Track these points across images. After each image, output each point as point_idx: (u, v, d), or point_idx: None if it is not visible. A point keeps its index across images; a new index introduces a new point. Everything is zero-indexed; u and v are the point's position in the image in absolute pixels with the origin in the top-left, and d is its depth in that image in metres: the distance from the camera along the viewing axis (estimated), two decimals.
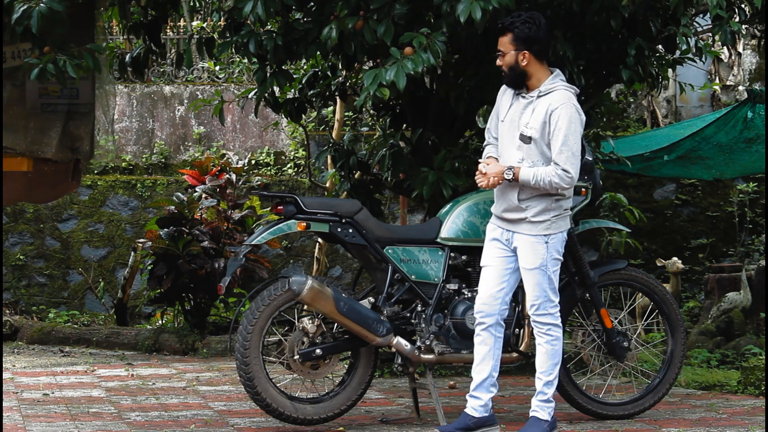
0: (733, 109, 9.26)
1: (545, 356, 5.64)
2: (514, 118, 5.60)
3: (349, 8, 6.13)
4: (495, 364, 5.68)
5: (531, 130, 5.53)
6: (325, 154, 8.02)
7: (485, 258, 5.72)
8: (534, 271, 5.57)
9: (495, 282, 5.65)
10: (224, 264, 10.09)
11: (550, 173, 5.47)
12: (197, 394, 7.39)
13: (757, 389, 7.27)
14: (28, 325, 11.11)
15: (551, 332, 5.63)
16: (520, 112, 5.59)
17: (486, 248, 5.72)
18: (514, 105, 5.63)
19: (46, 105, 7.74)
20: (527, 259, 5.58)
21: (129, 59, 7.42)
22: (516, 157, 5.56)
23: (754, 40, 13.12)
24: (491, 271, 5.66)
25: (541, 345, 5.64)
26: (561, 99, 5.53)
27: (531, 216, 5.55)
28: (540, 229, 5.56)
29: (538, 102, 5.55)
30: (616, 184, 12.21)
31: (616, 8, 6.33)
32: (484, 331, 5.67)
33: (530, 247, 5.56)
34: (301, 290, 5.71)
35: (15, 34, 6.12)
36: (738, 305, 10.24)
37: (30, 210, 12.56)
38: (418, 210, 11.73)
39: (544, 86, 5.56)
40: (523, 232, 5.57)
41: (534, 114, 5.54)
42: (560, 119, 5.48)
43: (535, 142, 5.52)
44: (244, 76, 13.06)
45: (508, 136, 5.62)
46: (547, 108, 5.51)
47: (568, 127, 5.48)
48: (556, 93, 5.55)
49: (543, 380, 5.65)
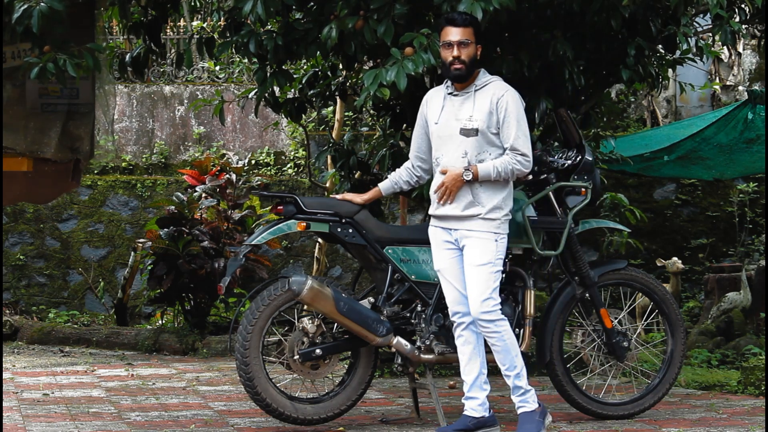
0: (733, 110, 9.26)
1: (502, 353, 5.62)
2: (450, 117, 5.64)
3: (349, 8, 6.12)
4: (482, 361, 5.68)
5: (476, 122, 5.57)
6: (325, 154, 8.02)
7: (439, 263, 5.73)
8: (482, 268, 5.57)
9: (459, 282, 5.67)
10: (224, 264, 10.09)
11: (509, 161, 5.55)
12: (197, 394, 7.39)
13: (757, 389, 7.27)
14: (28, 325, 11.12)
15: (500, 326, 5.60)
16: (457, 109, 5.63)
17: (436, 252, 5.74)
18: (446, 105, 5.67)
19: (46, 105, 7.74)
20: (476, 255, 5.58)
21: (129, 59, 7.42)
22: (458, 153, 5.59)
23: (754, 40, 13.13)
24: (451, 273, 5.68)
25: (494, 344, 5.61)
26: (503, 87, 5.63)
27: (485, 213, 5.57)
28: (491, 227, 5.59)
29: (477, 95, 5.61)
30: (616, 184, 12.21)
31: (616, 8, 6.33)
32: (465, 331, 5.68)
33: (480, 244, 5.58)
34: (301, 290, 5.71)
35: (15, 34, 6.11)
36: (738, 305, 10.24)
37: (30, 210, 12.56)
38: (418, 210, 11.73)
39: (479, 81, 5.65)
40: (474, 229, 5.58)
41: (476, 106, 5.59)
42: (508, 105, 5.56)
43: (481, 134, 5.57)
44: (244, 76, 13.07)
45: (446, 136, 5.63)
46: (491, 98, 5.57)
47: (517, 112, 5.57)
48: (493, 84, 5.65)
49: (512, 375, 5.64)
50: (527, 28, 6.67)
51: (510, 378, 5.64)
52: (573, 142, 6.24)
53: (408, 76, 5.75)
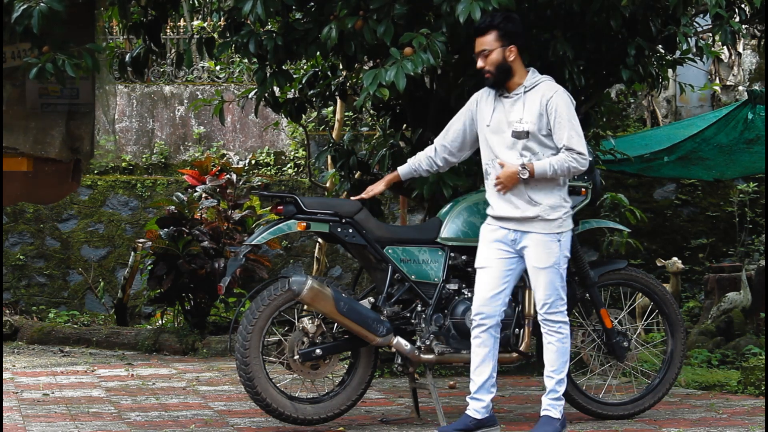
0: (733, 110, 9.26)
1: (556, 354, 5.64)
2: (501, 119, 5.61)
3: (349, 8, 6.12)
4: (494, 364, 5.68)
5: (526, 125, 5.55)
6: (325, 154, 8.02)
7: (483, 260, 5.69)
8: (547, 270, 5.57)
9: (495, 284, 5.64)
10: (224, 264, 10.09)
11: (566, 159, 5.52)
12: (197, 394, 7.39)
13: (757, 389, 7.27)
14: (28, 325, 11.12)
15: (562, 330, 5.63)
16: (507, 111, 5.61)
17: (484, 250, 5.70)
18: (497, 108, 5.64)
19: (46, 105, 7.75)
20: (540, 258, 5.57)
21: (129, 59, 7.42)
22: (513, 156, 5.56)
23: (754, 40, 13.12)
24: (491, 273, 5.65)
25: (552, 343, 5.63)
26: (552, 88, 5.60)
27: (544, 213, 5.55)
28: (553, 227, 5.57)
29: (526, 97, 5.58)
30: (616, 184, 12.21)
31: (616, 8, 6.33)
32: (483, 333, 5.66)
33: (543, 246, 5.56)
34: (301, 290, 5.71)
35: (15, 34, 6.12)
36: (738, 305, 10.24)
37: (30, 210, 12.56)
38: (418, 210, 11.73)
39: (528, 81, 5.61)
40: (536, 231, 5.57)
41: (526, 108, 5.56)
42: (559, 106, 5.53)
43: (532, 136, 5.54)
44: (244, 76, 13.07)
45: (498, 138, 5.62)
46: (541, 99, 5.55)
47: (569, 112, 5.55)
48: (543, 85, 5.62)
49: (555, 378, 5.64)
50: (527, 28, 6.66)
51: (552, 380, 5.64)
52: None
53: (407, 76, 5.76)
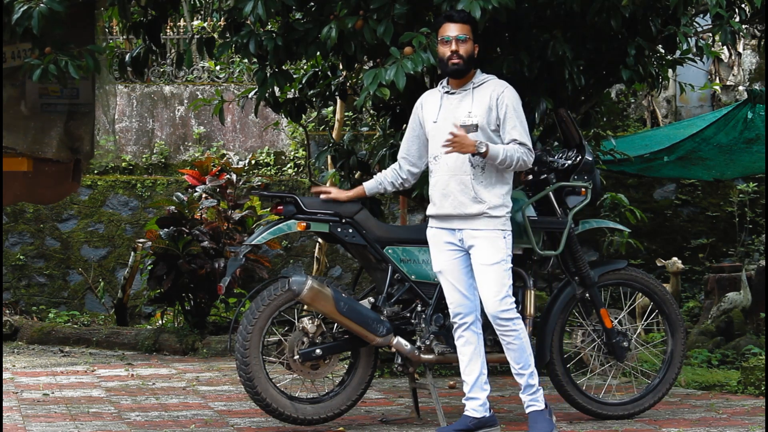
0: (733, 109, 9.25)
1: (517, 351, 5.62)
2: (448, 115, 5.66)
3: (349, 8, 6.13)
4: (483, 361, 5.69)
5: (475, 118, 5.60)
6: (325, 154, 8.01)
7: (438, 264, 5.71)
8: (495, 266, 5.57)
9: (461, 283, 5.66)
10: (224, 264, 10.09)
11: (517, 149, 5.58)
12: (197, 394, 7.39)
13: (757, 389, 7.27)
14: (28, 325, 11.12)
15: (516, 326, 5.61)
16: (455, 107, 5.66)
17: (436, 253, 5.72)
18: (444, 105, 5.69)
19: (46, 105, 7.74)
20: (487, 255, 5.58)
21: (129, 59, 7.42)
22: None
23: (754, 40, 13.12)
24: (453, 274, 5.67)
25: (511, 343, 5.61)
26: (501, 84, 5.69)
27: (489, 210, 5.57)
28: (498, 224, 5.60)
29: (475, 93, 5.64)
30: (616, 184, 12.21)
31: (616, 8, 6.33)
32: (466, 332, 5.68)
33: (490, 243, 5.58)
34: (301, 290, 5.71)
35: (15, 34, 6.11)
36: (738, 305, 10.24)
37: (30, 210, 12.56)
38: (418, 210, 11.73)
39: (477, 79, 5.69)
40: (481, 228, 5.58)
41: (475, 103, 5.62)
42: (508, 101, 5.61)
43: (481, 129, 5.58)
44: (244, 76, 13.07)
45: (445, 133, 5.61)
46: (490, 95, 5.61)
47: (516, 108, 5.63)
48: (492, 81, 5.70)
49: (525, 374, 5.64)
50: (527, 27, 6.67)
51: (524, 377, 5.64)
52: (573, 142, 6.24)
53: (407, 76, 5.76)
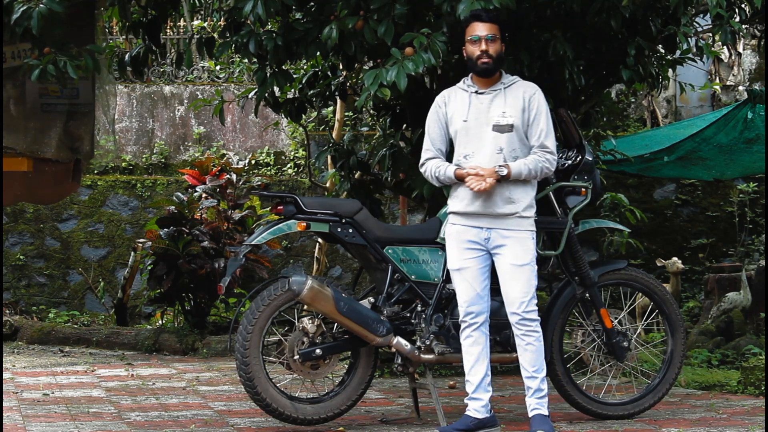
0: (733, 109, 9.25)
1: (535, 354, 5.62)
2: (479, 115, 5.60)
3: (349, 8, 6.12)
4: (488, 362, 5.69)
5: (510, 118, 5.56)
6: (325, 154, 8.02)
7: (458, 261, 5.66)
8: (524, 267, 5.57)
9: (477, 282, 5.63)
10: (224, 264, 10.09)
11: (539, 160, 5.56)
12: (197, 394, 7.39)
13: (757, 389, 7.27)
14: (28, 325, 11.12)
15: (538, 328, 5.63)
16: (486, 106, 5.60)
17: (456, 251, 5.67)
18: (473, 104, 5.62)
19: (46, 105, 7.74)
20: (518, 255, 5.57)
21: (128, 59, 7.41)
22: (492, 149, 5.55)
23: (754, 40, 13.12)
24: (471, 273, 5.63)
25: (531, 344, 5.61)
26: (533, 86, 5.67)
27: (521, 211, 5.57)
28: (528, 225, 5.60)
29: (507, 92, 5.60)
30: (616, 184, 12.21)
31: (616, 8, 6.33)
32: (475, 332, 5.66)
33: (520, 243, 5.57)
34: (301, 290, 5.71)
35: (15, 34, 6.11)
36: (738, 305, 10.24)
37: (30, 210, 12.56)
38: (418, 210, 11.73)
39: (506, 79, 5.65)
40: (512, 228, 5.57)
41: (508, 102, 5.58)
42: (539, 104, 5.60)
43: (515, 129, 5.56)
44: (244, 76, 13.07)
45: (477, 133, 5.59)
46: (523, 95, 5.59)
47: (546, 112, 5.62)
48: (522, 83, 5.67)
49: (539, 377, 5.64)
50: (527, 27, 6.67)
51: (536, 380, 5.63)
52: (573, 142, 6.24)
53: (408, 76, 5.75)
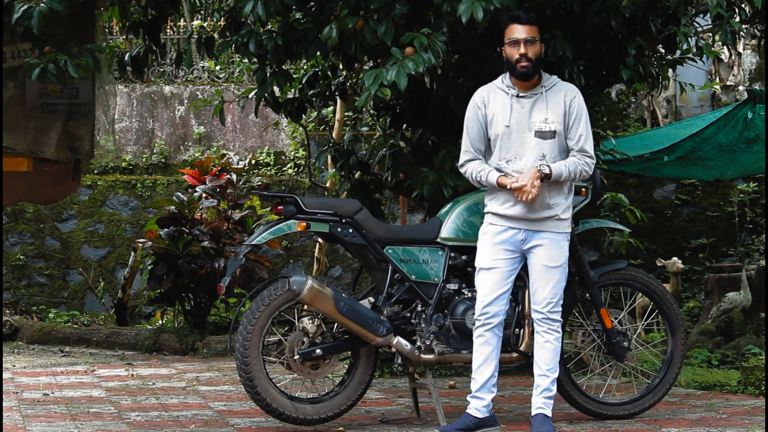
0: (733, 109, 9.25)
1: (552, 353, 5.65)
2: (521, 120, 5.55)
3: (349, 8, 6.12)
4: (497, 363, 5.69)
5: (553, 125, 5.53)
6: (325, 154, 8.02)
7: (488, 260, 5.64)
8: (557, 269, 5.60)
9: (500, 284, 5.62)
10: (224, 264, 10.09)
11: (578, 162, 5.55)
12: (197, 394, 7.39)
13: (757, 389, 7.27)
14: (28, 325, 11.12)
15: (559, 329, 5.68)
16: (529, 110, 5.55)
17: (488, 250, 5.64)
18: (514, 107, 5.57)
19: (46, 105, 7.74)
20: (552, 257, 5.58)
21: (128, 59, 7.41)
22: (535, 156, 5.52)
23: (754, 40, 13.12)
24: (498, 274, 5.61)
25: (550, 342, 5.64)
26: (573, 88, 5.63)
27: (560, 213, 5.58)
28: (564, 227, 5.62)
29: (548, 96, 5.56)
30: (616, 184, 12.21)
31: (616, 8, 6.33)
32: (488, 332, 5.65)
33: (556, 245, 5.59)
34: (301, 290, 5.71)
35: (15, 34, 6.11)
36: (738, 305, 10.24)
37: (30, 210, 12.56)
38: (418, 210, 11.72)
39: (546, 81, 5.60)
40: (549, 230, 5.58)
41: (550, 108, 5.53)
42: (579, 107, 5.57)
43: (558, 136, 5.54)
44: (244, 76, 13.06)
45: (519, 139, 5.55)
46: (564, 99, 5.55)
47: (585, 115, 5.60)
48: (562, 84, 5.63)
49: (551, 377, 5.65)
50: None
51: (547, 379, 5.64)
52: None
53: (408, 76, 5.75)
